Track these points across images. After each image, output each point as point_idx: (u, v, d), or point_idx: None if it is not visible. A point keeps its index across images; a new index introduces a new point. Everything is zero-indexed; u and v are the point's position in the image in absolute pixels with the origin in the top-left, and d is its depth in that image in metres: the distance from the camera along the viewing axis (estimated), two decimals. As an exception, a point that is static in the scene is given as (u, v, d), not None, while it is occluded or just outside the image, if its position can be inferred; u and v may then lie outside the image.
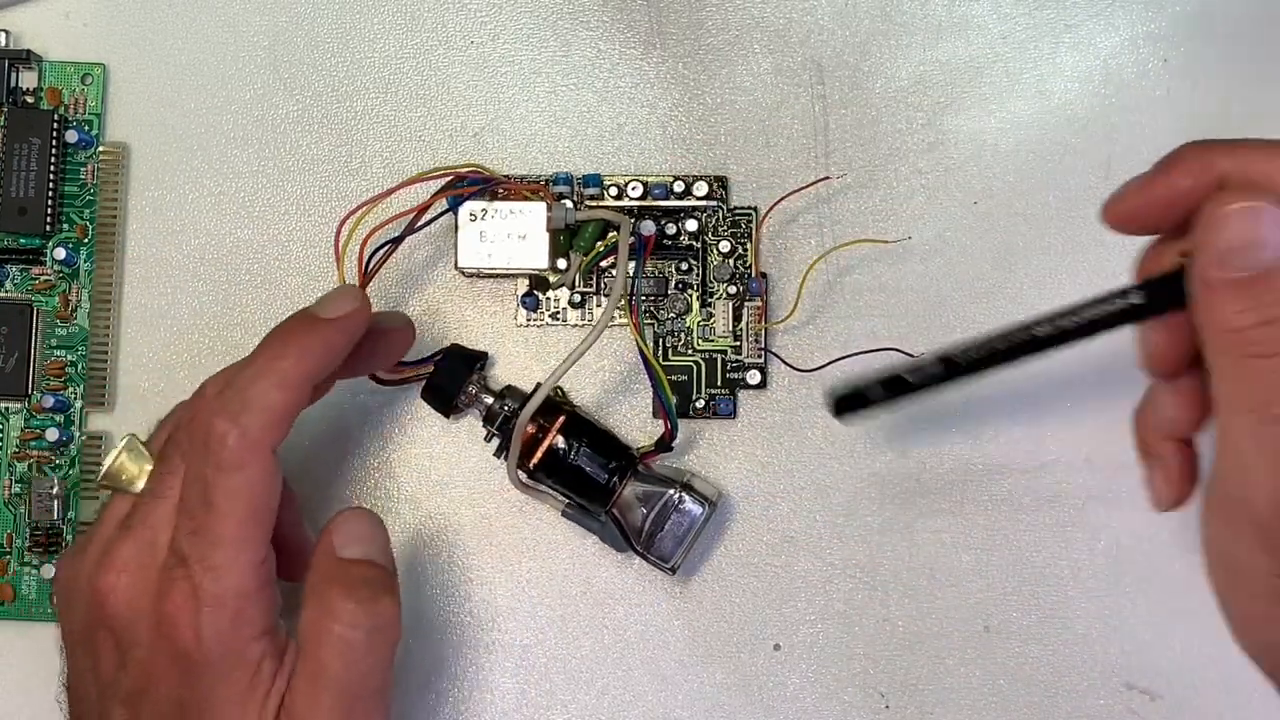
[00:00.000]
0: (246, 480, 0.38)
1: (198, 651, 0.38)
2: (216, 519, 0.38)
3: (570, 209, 0.47)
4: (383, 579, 0.40)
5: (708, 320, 0.48)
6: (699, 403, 0.47)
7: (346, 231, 0.46)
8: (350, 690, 0.39)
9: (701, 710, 0.47)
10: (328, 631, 0.39)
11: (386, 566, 0.41)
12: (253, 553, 0.39)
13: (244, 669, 0.38)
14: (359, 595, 0.39)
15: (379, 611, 0.39)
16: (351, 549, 0.40)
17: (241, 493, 0.38)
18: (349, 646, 0.39)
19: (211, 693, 0.38)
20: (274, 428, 0.39)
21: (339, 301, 0.41)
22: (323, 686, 0.38)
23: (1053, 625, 0.47)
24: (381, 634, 0.39)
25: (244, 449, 0.38)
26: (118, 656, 0.39)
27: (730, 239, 0.48)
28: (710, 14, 0.49)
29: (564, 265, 0.47)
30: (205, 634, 0.38)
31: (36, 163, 0.47)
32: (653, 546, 0.45)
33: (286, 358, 0.40)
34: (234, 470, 0.38)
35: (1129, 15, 0.48)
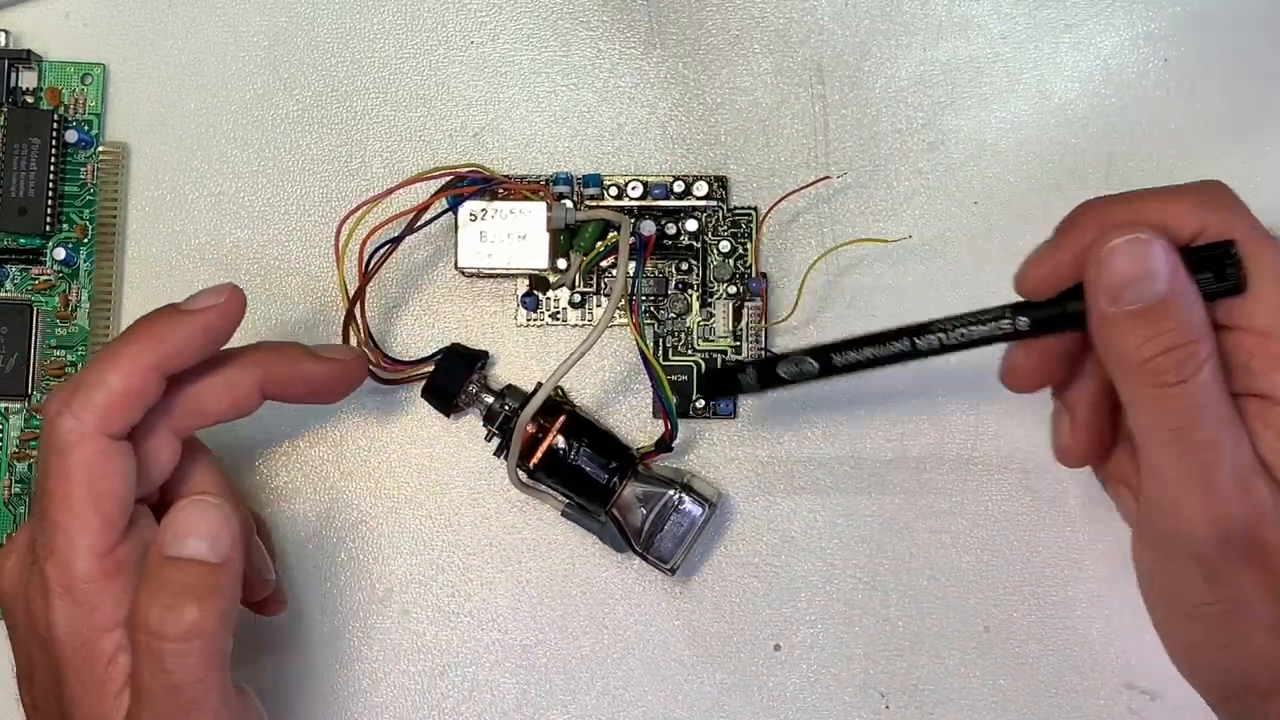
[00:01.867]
0: (79, 462, 0.38)
1: (52, 641, 0.38)
2: (51, 504, 0.38)
3: (570, 209, 0.47)
4: (200, 582, 0.37)
5: (708, 320, 0.48)
6: (699, 403, 0.47)
7: (346, 231, 0.46)
8: (161, 702, 0.36)
9: (701, 710, 0.47)
10: (136, 639, 0.37)
11: (215, 562, 0.37)
12: (94, 538, 0.38)
13: (96, 663, 0.38)
14: (166, 601, 0.36)
15: (184, 620, 0.36)
16: (176, 545, 0.37)
17: (73, 475, 0.38)
18: (154, 656, 0.36)
19: (72, 684, 0.38)
20: (110, 410, 0.38)
21: (205, 296, 0.41)
22: (139, 700, 0.37)
23: (1053, 625, 0.47)
24: (189, 643, 0.36)
25: (73, 430, 0.38)
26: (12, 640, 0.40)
27: (730, 239, 0.48)
28: (710, 14, 0.49)
29: (564, 265, 0.47)
30: (56, 621, 0.38)
31: (36, 163, 0.47)
32: (652, 547, 0.45)
33: (133, 344, 0.39)
34: (64, 453, 0.38)
35: (1129, 15, 0.48)
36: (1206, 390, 0.35)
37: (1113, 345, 0.36)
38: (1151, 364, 0.35)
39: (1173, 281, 0.35)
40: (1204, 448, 0.35)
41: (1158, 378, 0.35)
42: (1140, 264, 0.35)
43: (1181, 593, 0.37)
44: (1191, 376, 0.34)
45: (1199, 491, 0.35)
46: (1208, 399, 0.35)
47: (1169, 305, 0.35)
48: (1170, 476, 0.35)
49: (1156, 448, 0.35)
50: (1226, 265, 0.35)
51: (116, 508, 0.38)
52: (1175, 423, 0.35)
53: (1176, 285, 0.35)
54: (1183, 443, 0.35)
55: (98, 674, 0.38)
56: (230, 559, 0.38)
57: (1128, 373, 0.36)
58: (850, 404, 0.47)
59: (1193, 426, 0.35)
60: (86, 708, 0.38)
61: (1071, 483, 0.47)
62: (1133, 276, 0.35)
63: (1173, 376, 0.35)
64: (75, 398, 0.38)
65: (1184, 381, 0.35)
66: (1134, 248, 0.35)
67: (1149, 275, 0.35)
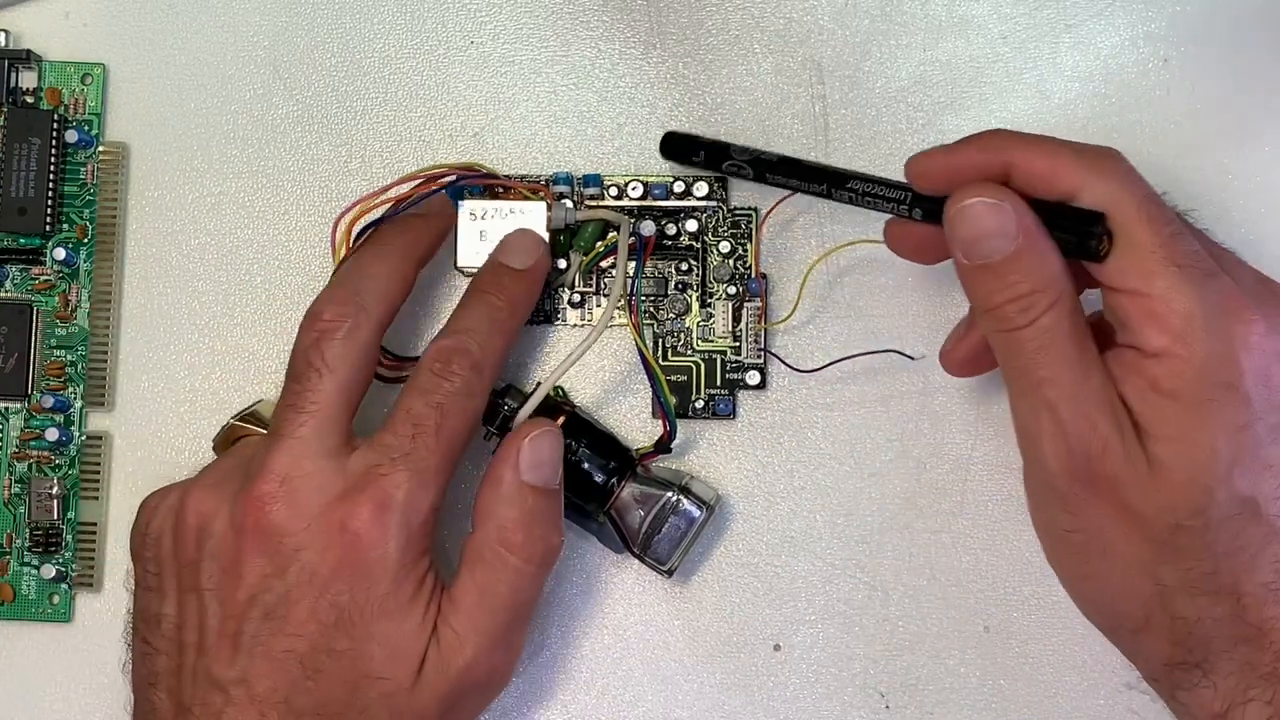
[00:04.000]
0: (475, 409, 0.42)
1: (381, 550, 0.40)
2: (444, 432, 0.41)
3: (570, 209, 0.47)
4: (556, 510, 0.42)
5: (707, 320, 0.48)
6: (698, 403, 0.47)
7: (342, 228, 0.45)
8: (511, 613, 0.41)
9: (701, 710, 0.47)
10: (501, 559, 0.41)
11: (559, 492, 0.42)
12: (450, 476, 0.41)
13: (413, 579, 0.40)
14: (536, 531, 0.41)
15: (551, 547, 0.42)
16: (536, 473, 0.41)
17: (468, 417, 0.42)
18: (519, 576, 0.41)
19: (381, 598, 0.40)
20: (496, 370, 0.43)
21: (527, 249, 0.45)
22: (487, 608, 0.41)
23: (1053, 625, 0.47)
24: (549, 567, 0.42)
25: (479, 382, 0.42)
26: (273, 565, 0.40)
27: (730, 239, 0.48)
28: (710, 14, 0.49)
29: (564, 265, 0.47)
30: (392, 532, 0.40)
31: (36, 163, 0.47)
32: (650, 549, 0.45)
33: (503, 311, 0.43)
34: (469, 396, 0.41)
35: (1129, 15, 0.48)
36: (1048, 333, 0.37)
37: (968, 290, 0.39)
38: (999, 310, 0.38)
39: (1020, 240, 0.37)
40: (1046, 384, 0.37)
41: (1004, 321, 0.38)
42: (990, 223, 0.38)
43: (1050, 522, 0.40)
44: (1032, 321, 0.37)
45: (1045, 425, 0.38)
46: (1049, 341, 0.37)
47: (1014, 260, 0.37)
48: (1023, 412, 0.38)
49: (1010, 386, 0.39)
50: (1089, 235, 0.37)
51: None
52: (1019, 361, 0.38)
53: (1023, 243, 0.37)
54: (1026, 379, 0.38)
55: (412, 591, 0.40)
56: (561, 485, 0.43)
57: (981, 315, 0.39)
58: (850, 404, 0.47)
59: (1036, 365, 0.37)
60: (395, 621, 0.40)
61: (1071, 483, 0.47)
62: (983, 233, 0.38)
63: (1017, 321, 0.38)
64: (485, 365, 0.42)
65: (1026, 325, 0.37)
66: (984, 209, 0.38)
67: (998, 233, 0.38)
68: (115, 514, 0.48)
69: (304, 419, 0.41)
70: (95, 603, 0.48)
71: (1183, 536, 0.37)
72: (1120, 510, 0.37)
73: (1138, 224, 0.37)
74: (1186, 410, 0.36)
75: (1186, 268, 0.37)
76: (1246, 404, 0.36)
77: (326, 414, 0.41)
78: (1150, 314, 0.37)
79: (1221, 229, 0.47)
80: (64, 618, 0.48)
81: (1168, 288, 0.36)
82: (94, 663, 0.47)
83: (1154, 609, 0.38)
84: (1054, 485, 0.38)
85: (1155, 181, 0.38)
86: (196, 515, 0.41)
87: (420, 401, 0.41)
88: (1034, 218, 0.38)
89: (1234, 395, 0.36)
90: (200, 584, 0.40)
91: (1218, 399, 0.36)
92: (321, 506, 0.40)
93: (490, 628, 0.41)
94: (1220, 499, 0.36)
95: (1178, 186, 0.41)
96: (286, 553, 0.40)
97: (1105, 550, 0.38)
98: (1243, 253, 0.40)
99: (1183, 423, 0.36)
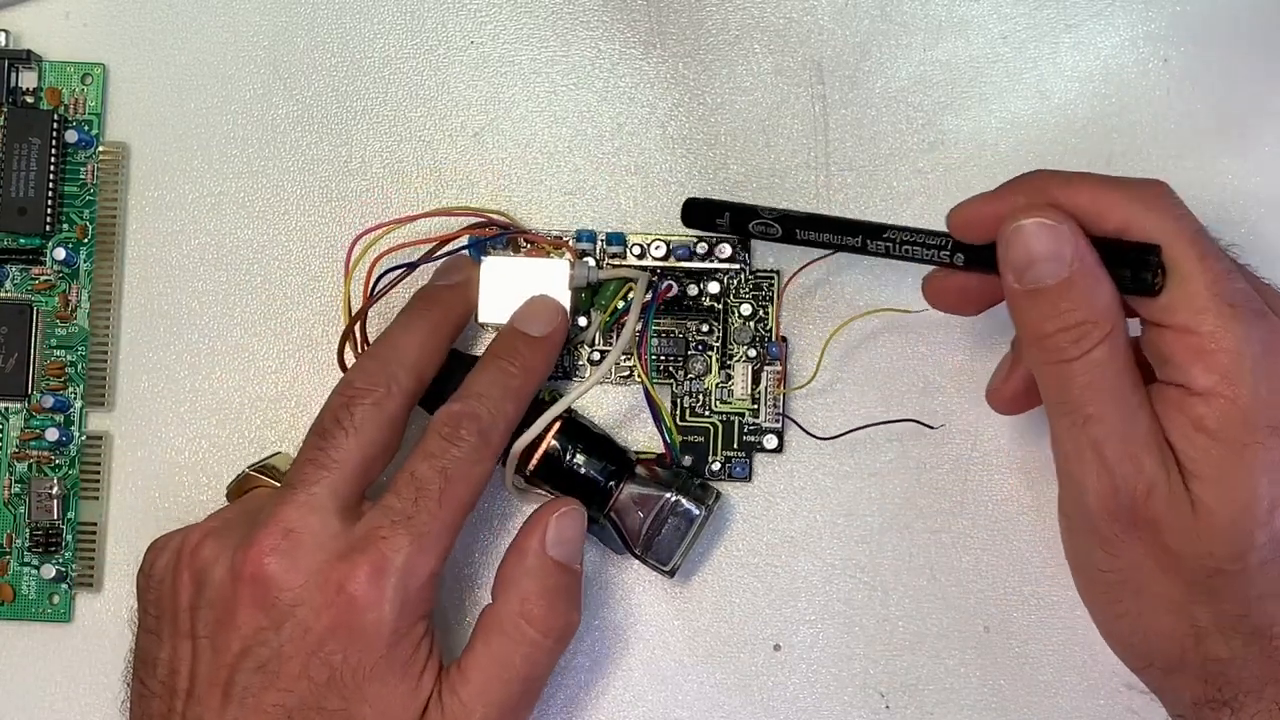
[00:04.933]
0: (480, 475, 0.41)
1: (377, 614, 0.39)
2: (447, 497, 0.40)
3: (593, 267, 0.46)
4: (578, 588, 0.42)
5: (726, 382, 0.47)
6: (715, 465, 0.47)
7: (359, 250, 0.45)
8: (523, 686, 0.41)
9: (701, 710, 0.47)
10: (521, 631, 0.41)
11: (581, 572, 0.43)
12: (452, 542, 0.41)
13: (408, 644, 0.40)
14: (559, 606, 0.41)
15: (571, 624, 0.42)
16: (561, 549, 0.42)
17: (473, 483, 0.41)
18: (536, 650, 0.41)
19: (374, 661, 0.39)
20: (506, 437, 0.43)
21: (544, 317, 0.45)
22: (500, 679, 0.40)
23: (1053, 625, 0.47)
24: (565, 644, 0.42)
25: (486, 449, 0.42)
26: (268, 619, 0.39)
27: (752, 301, 0.47)
28: (710, 14, 0.49)
29: (584, 323, 0.47)
30: (389, 596, 0.39)
31: (36, 163, 0.47)
32: (651, 550, 0.45)
33: (517, 377, 0.43)
34: (475, 462, 0.41)
35: (1129, 15, 0.48)
36: (1100, 368, 0.36)
37: (1017, 318, 0.38)
38: (1050, 340, 0.37)
39: (1075, 265, 0.36)
40: (1093, 422, 0.36)
41: (1054, 353, 0.37)
42: (1044, 245, 0.37)
43: (1087, 559, 0.39)
44: (1084, 354, 0.36)
45: (1090, 463, 0.37)
46: (1100, 376, 0.36)
47: (1068, 287, 0.36)
48: (1067, 447, 0.38)
49: (1055, 419, 0.38)
50: (1144, 268, 0.36)
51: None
52: (1067, 396, 0.37)
53: (1078, 269, 0.36)
54: (1073, 415, 0.37)
55: (407, 655, 0.40)
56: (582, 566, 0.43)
57: (1029, 344, 0.38)
58: (850, 404, 0.47)
59: (1084, 402, 0.37)
60: (389, 684, 0.39)
61: (1071, 483, 0.47)
62: (1036, 256, 0.37)
63: (1067, 353, 0.37)
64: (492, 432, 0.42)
65: (1077, 358, 0.36)
66: (1040, 230, 0.37)
67: (1052, 257, 0.37)
68: (115, 514, 0.48)
69: (321, 475, 0.41)
70: (95, 603, 0.48)
71: (1220, 579, 0.36)
72: (1159, 551, 0.37)
73: (1189, 259, 0.36)
74: (1230, 452, 0.36)
75: (1237, 306, 0.36)
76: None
77: (344, 474, 0.41)
78: (1198, 352, 0.36)
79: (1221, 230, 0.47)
80: (64, 618, 0.48)
81: (1217, 326, 0.36)
82: (94, 663, 0.47)
83: (1188, 649, 0.37)
84: (1093, 524, 0.37)
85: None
86: (198, 560, 0.41)
87: (426, 465, 0.41)
88: (1089, 244, 0.37)
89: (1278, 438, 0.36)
90: (196, 630, 0.40)
91: (1263, 442, 0.36)
92: (320, 564, 0.39)
93: (501, 700, 0.40)
94: (1260, 543, 0.36)
95: (1178, 187, 0.41)
96: (282, 607, 0.39)
97: (1141, 590, 0.37)
98: (1243, 253, 0.40)
99: (1226, 464, 0.36)
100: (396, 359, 0.43)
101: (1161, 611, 0.37)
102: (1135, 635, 0.39)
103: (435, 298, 0.45)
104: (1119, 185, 0.38)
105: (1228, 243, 0.39)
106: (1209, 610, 0.37)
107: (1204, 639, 0.37)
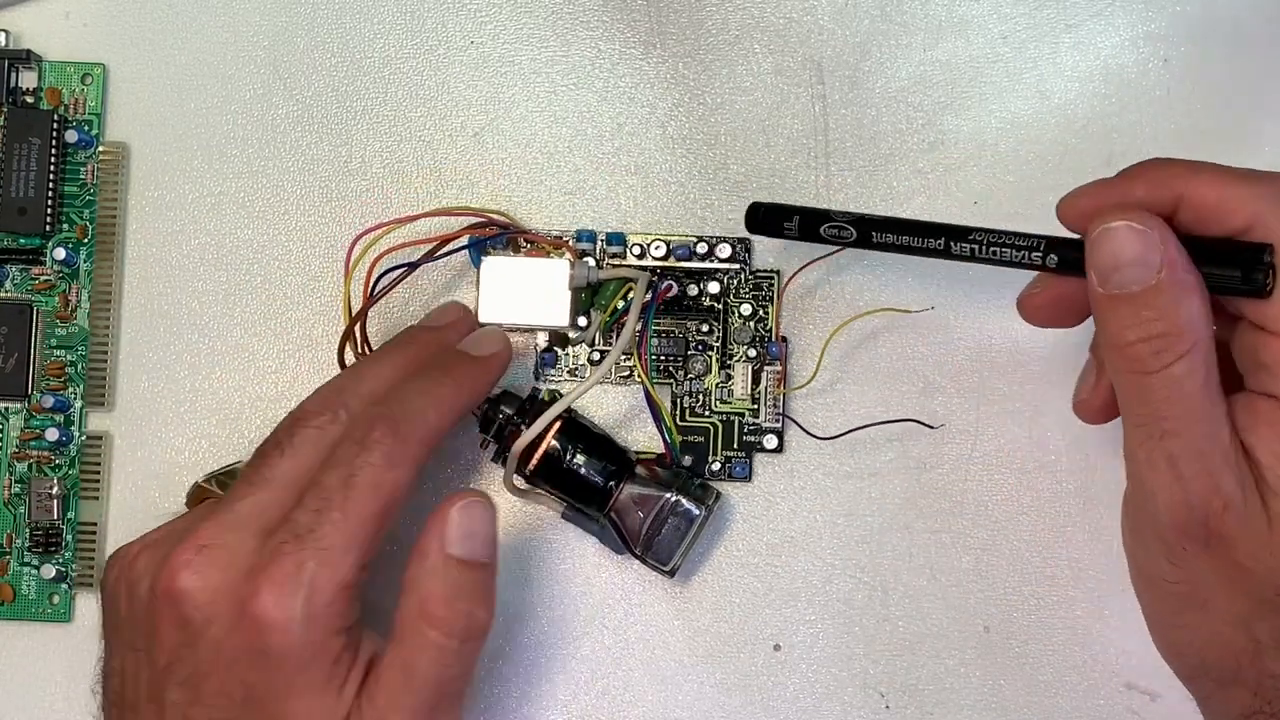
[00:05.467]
0: (393, 481, 0.39)
1: (283, 632, 0.37)
2: (352, 506, 0.39)
3: (593, 267, 0.46)
4: (485, 585, 0.40)
5: (726, 382, 0.47)
6: (714, 465, 0.47)
7: (360, 248, 0.45)
8: (436, 692, 0.39)
9: (701, 710, 0.47)
10: (422, 635, 0.39)
11: (491, 565, 0.40)
12: (365, 552, 0.39)
13: (324, 659, 0.38)
14: (459, 606, 0.39)
15: (476, 623, 0.39)
16: (461, 546, 0.39)
17: (383, 490, 0.39)
18: (441, 652, 0.39)
19: (288, 680, 0.38)
20: (425, 445, 0.40)
21: (487, 341, 0.44)
22: (409, 685, 0.39)
23: (1053, 625, 0.47)
24: (475, 642, 0.39)
25: (401, 453, 0.40)
26: (183, 635, 0.39)
27: (752, 301, 0.47)
28: (710, 14, 0.49)
29: (584, 323, 0.47)
30: (295, 614, 0.37)
31: (36, 163, 0.47)
32: (651, 549, 0.45)
33: (445, 385, 0.42)
34: (384, 468, 0.39)
35: (1129, 15, 0.48)
36: (1180, 383, 0.35)
37: (1100, 323, 0.37)
38: (1131, 349, 0.36)
39: (1163, 274, 0.35)
40: (1170, 437, 0.35)
41: (1135, 363, 0.36)
42: (1132, 250, 0.35)
43: (1152, 567, 0.38)
44: (1165, 367, 0.35)
45: (1164, 477, 0.36)
46: (1180, 391, 0.35)
47: (1153, 295, 0.35)
48: (1140, 457, 0.36)
49: (1131, 429, 0.37)
50: (1255, 267, 0.35)
51: (384, 534, 0.39)
52: (1145, 409, 0.36)
53: (1166, 277, 0.35)
54: (1150, 428, 0.36)
55: (325, 671, 0.38)
56: (494, 559, 0.40)
57: (1110, 351, 0.37)
58: (850, 404, 0.47)
59: (1162, 416, 0.36)
60: (306, 702, 0.38)
61: (1071, 483, 0.47)
62: (1122, 261, 0.35)
63: (1148, 365, 0.35)
64: (403, 426, 0.40)
65: (1157, 371, 0.35)
66: (1129, 233, 0.35)
67: (1140, 262, 0.35)
68: (115, 514, 0.48)
69: (249, 492, 0.40)
70: (95, 603, 0.48)
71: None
72: (1229, 566, 0.36)
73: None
74: None
75: None
76: None
77: (272, 494, 0.40)
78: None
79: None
80: (64, 618, 0.48)
81: None
82: (94, 663, 0.47)
83: (1245, 664, 0.37)
84: (1163, 536, 0.36)
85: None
86: (133, 573, 0.40)
87: (331, 474, 0.39)
88: (1183, 252, 0.35)
89: None
90: (135, 644, 0.40)
91: None
92: (230, 581, 0.38)
93: (413, 706, 0.39)
94: None
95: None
96: (196, 624, 0.38)
97: (1205, 604, 0.37)
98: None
99: None
100: (353, 388, 0.42)
101: (1223, 625, 0.37)
102: (1192, 647, 0.38)
103: (413, 338, 0.45)
104: (1246, 180, 0.36)
105: None
106: (1271, 626, 0.36)
107: (1262, 654, 0.36)
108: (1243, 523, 0.35)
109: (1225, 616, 0.37)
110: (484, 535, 0.40)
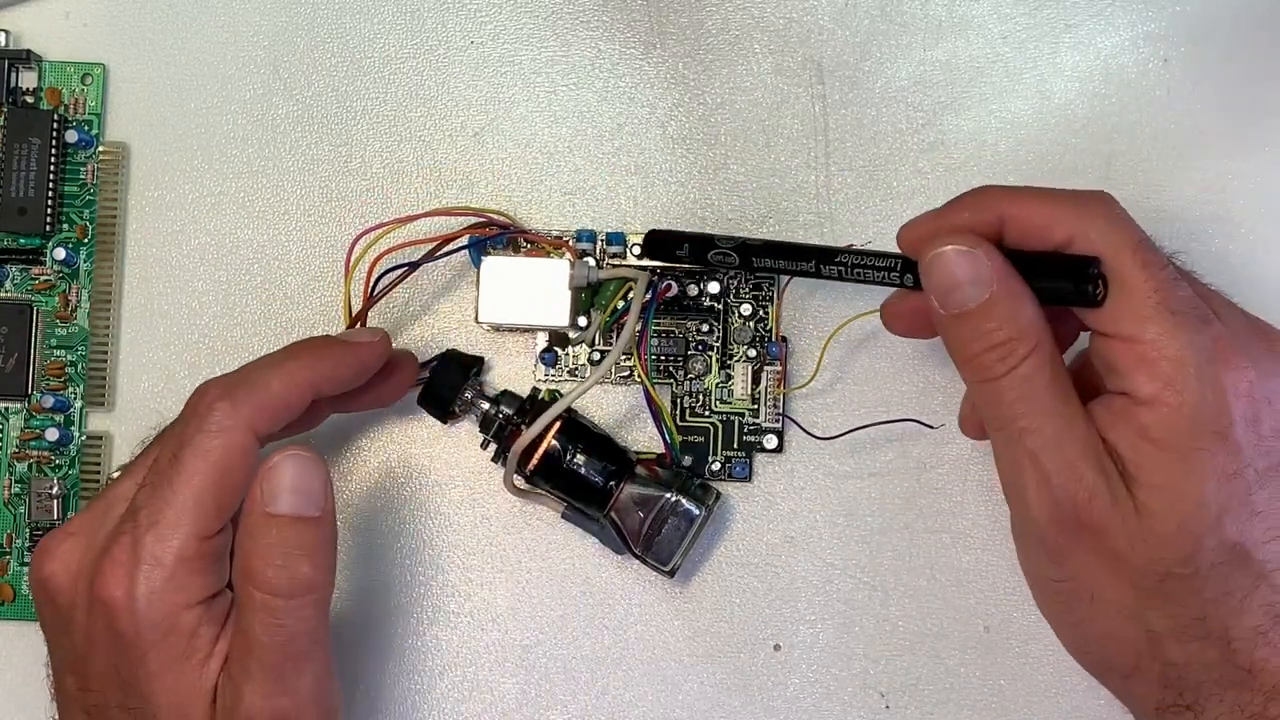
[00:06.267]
0: (222, 446, 0.39)
1: (128, 612, 0.38)
2: (178, 477, 0.38)
3: (593, 267, 0.46)
4: (308, 538, 0.38)
5: (726, 382, 0.47)
6: (714, 465, 0.47)
7: (360, 248, 0.45)
8: (277, 652, 0.38)
9: (701, 710, 0.47)
10: (249, 596, 0.38)
11: (317, 516, 0.39)
12: (203, 522, 0.38)
13: (177, 635, 0.38)
14: (276, 561, 0.38)
15: (299, 576, 0.38)
16: (279, 502, 0.38)
17: (212, 456, 0.39)
18: (268, 612, 0.38)
19: (144, 658, 0.38)
20: (263, 410, 0.40)
21: (361, 334, 0.44)
22: (249, 649, 0.38)
23: (1053, 625, 0.47)
24: (303, 598, 0.38)
25: (228, 417, 0.39)
26: (58, 622, 0.40)
27: (752, 302, 0.47)
28: (710, 14, 0.49)
29: (584, 323, 0.47)
30: (137, 593, 0.38)
31: (36, 163, 0.47)
32: (651, 549, 0.45)
33: (296, 359, 0.41)
34: (212, 434, 0.39)
35: (1129, 15, 0.48)
36: (1028, 381, 0.37)
37: (946, 341, 0.39)
38: (978, 359, 0.38)
39: (995, 287, 0.37)
40: (1028, 434, 0.37)
41: (983, 371, 0.38)
42: (963, 271, 0.37)
43: (1039, 571, 0.39)
44: (1011, 370, 0.37)
45: (1030, 475, 0.37)
46: (1030, 388, 0.37)
47: (990, 307, 0.37)
48: (1006, 460, 0.38)
49: (994, 436, 0.39)
50: (1084, 280, 0.37)
51: (231, 501, 0.39)
52: (1000, 411, 0.38)
53: (999, 290, 0.37)
54: (1009, 430, 0.38)
55: (181, 646, 0.38)
56: (326, 510, 0.39)
57: (960, 366, 0.38)
58: (850, 404, 0.47)
59: (1017, 414, 0.37)
60: (168, 679, 0.38)
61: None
62: (957, 281, 0.37)
63: (996, 370, 0.37)
64: (238, 390, 0.40)
65: (1005, 375, 0.37)
66: (958, 256, 0.37)
67: (972, 280, 0.37)
68: (115, 514, 0.48)
69: (122, 478, 0.41)
70: (95, 603, 0.48)
71: (1171, 584, 0.36)
72: (1107, 558, 0.37)
73: (1132, 269, 0.37)
74: (1176, 458, 0.36)
75: (1180, 314, 0.36)
76: (1236, 451, 0.36)
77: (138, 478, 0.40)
78: (1142, 360, 0.36)
79: (1221, 230, 0.47)
80: (64, 618, 0.48)
81: (1160, 334, 0.36)
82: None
83: (1143, 654, 0.38)
84: (1040, 535, 0.38)
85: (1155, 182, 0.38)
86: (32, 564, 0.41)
87: (159, 448, 0.40)
88: (1007, 264, 0.37)
89: (1224, 443, 0.36)
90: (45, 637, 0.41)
91: (1208, 447, 0.36)
92: (81, 566, 0.39)
93: (258, 671, 0.38)
94: (1209, 546, 0.36)
95: (1178, 186, 0.42)
96: (64, 610, 0.39)
97: (1093, 597, 0.38)
98: (1243, 253, 0.40)
99: (1172, 471, 0.36)
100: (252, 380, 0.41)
101: (1115, 617, 0.38)
102: (1091, 642, 0.39)
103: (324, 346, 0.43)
104: (1063, 199, 0.38)
105: (1173, 251, 0.39)
106: (1162, 614, 0.37)
107: (1159, 644, 0.37)
108: (1111, 512, 0.36)
109: (1115, 609, 0.37)
110: (305, 489, 0.38)
